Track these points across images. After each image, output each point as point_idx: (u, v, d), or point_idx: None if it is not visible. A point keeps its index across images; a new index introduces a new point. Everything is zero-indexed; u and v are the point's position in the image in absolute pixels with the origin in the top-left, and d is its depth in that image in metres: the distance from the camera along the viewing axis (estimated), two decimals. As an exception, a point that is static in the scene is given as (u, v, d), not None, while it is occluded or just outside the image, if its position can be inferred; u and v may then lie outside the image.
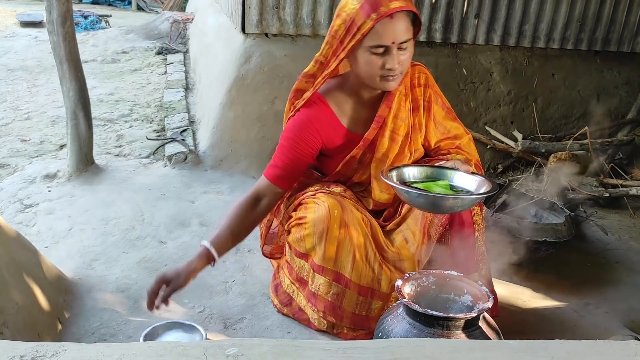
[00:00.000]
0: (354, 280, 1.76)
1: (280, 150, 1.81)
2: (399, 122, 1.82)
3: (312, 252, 1.78)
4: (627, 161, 3.47)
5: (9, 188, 2.80)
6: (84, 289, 2.03)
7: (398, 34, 1.61)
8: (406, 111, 1.83)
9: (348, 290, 1.77)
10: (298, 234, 1.80)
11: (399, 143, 1.83)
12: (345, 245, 1.74)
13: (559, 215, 2.51)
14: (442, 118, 1.91)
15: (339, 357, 0.97)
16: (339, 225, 1.73)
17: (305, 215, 1.77)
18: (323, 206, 1.74)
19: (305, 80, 1.83)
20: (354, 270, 1.75)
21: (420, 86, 1.87)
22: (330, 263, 1.75)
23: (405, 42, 1.63)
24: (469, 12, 3.45)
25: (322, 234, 1.73)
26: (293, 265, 1.88)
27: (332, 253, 1.74)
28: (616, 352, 1.00)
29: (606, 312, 2.11)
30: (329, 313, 1.80)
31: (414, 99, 1.86)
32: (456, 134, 1.92)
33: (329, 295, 1.78)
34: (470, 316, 1.41)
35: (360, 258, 1.76)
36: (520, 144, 3.34)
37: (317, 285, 1.79)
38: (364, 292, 1.77)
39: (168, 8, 8.75)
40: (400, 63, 1.66)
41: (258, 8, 3.17)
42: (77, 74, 2.87)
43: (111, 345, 1.01)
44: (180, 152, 3.22)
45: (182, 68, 4.99)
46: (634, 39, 3.76)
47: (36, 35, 6.46)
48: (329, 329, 1.84)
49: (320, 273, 1.77)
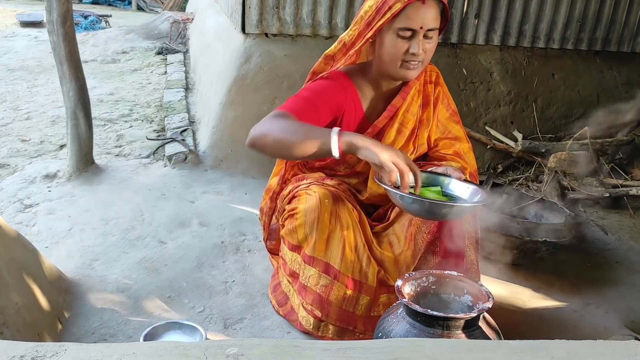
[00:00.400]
0: (342, 271, 1.76)
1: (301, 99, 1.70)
2: (409, 116, 1.84)
3: (304, 244, 1.79)
4: (627, 161, 3.47)
5: (9, 188, 2.80)
6: (84, 289, 2.03)
7: (427, 20, 1.63)
8: (417, 107, 1.85)
9: (336, 282, 1.77)
10: (290, 225, 1.81)
11: (405, 136, 1.84)
12: (335, 234, 1.75)
13: (559, 215, 2.51)
14: (444, 118, 1.92)
15: (339, 357, 0.97)
16: (329, 215, 1.74)
17: (297, 206, 1.79)
18: (314, 196, 1.75)
19: (324, 62, 1.85)
20: (343, 261, 1.76)
21: (432, 83, 1.90)
22: (321, 253, 1.76)
23: (432, 31, 1.65)
24: (469, 12, 3.45)
25: (313, 223, 1.74)
26: (287, 259, 1.89)
27: (322, 242, 1.75)
28: (616, 352, 1.00)
29: (606, 312, 2.11)
30: (316, 306, 1.79)
31: (426, 95, 1.88)
32: (456, 136, 1.93)
33: (318, 287, 1.78)
34: (470, 316, 1.41)
35: (349, 249, 1.76)
36: (520, 144, 3.34)
37: (307, 276, 1.80)
38: (351, 284, 1.78)
39: (168, 8, 8.76)
40: (424, 51, 1.67)
41: (258, 8, 3.17)
42: (77, 74, 2.87)
43: (111, 345, 1.01)
44: (180, 152, 3.22)
45: (182, 68, 5.00)
46: (634, 39, 3.76)
47: (36, 35, 6.46)
48: (314, 329, 1.83)
49: (311, 264, 1.78)
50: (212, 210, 2.69)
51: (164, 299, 2.01)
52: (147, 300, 1.99)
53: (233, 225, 2.56)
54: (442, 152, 1.94)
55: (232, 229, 2.52)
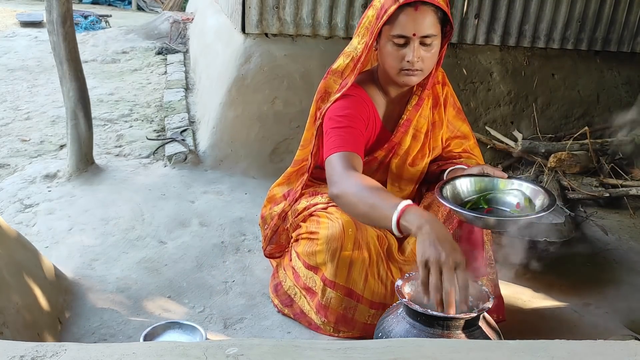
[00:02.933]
0: (366, 296, 1.76)
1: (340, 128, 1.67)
2: (422, 120, 1.83)
3: (323, 267, 1.75)
4: (627, 161, 3.47)
5: (9, 188, 2.80)
6: (84, 289, 2.03)
7: (420, 27, 1.59)
8: (428, 109, 1.83)
9: (360, 304, 1.77)
10: (309, 248, 1.77)
11: (420, 140, 1.83)
12: (357, 264, 1.72)
13: (559, 215, 2.51)
14: (452, 117, 1.92)
15: (339, 357, 0.97)
16: (352, 245, 1.69)
17: (317, 231, 1.73)
18: (337, 223, 1.69)
19: (333, 79, 1.80)
20: (367, 287, 1.75)
21: (439, 84, 1.88)
22: (342, 280, 1.73)
23: (428, 38, 1.61)
24: (469, 12, 3.45)
25: (335, 253, 1.69)
26: (300, 273, 1.85)
27: (344, 271, 1.72)
28: (616, 352, 1.00)
29: (606, 312, 2.11)
30: (340, 324, 1.79)
31: (435, 97, 1.87)
32: (464, 134, 1.93)
33: (341, 309, 1.77)
34: (470, 316, 1.41)
35: (372, 277, 1.75)
36: (520, 144, 3.34)
37: (328, 298, 1.77)
38: (375, 306, 1.78)
39: (168, 8, 8.75)
40: (421, 59, 1.63)
41: (258, 8, 3.17)
42: (77, 74, 2.87)
43: (111, 345, 1.01)
44: (180, 152, 3.22)
45: (182, 68, 5.00)
46: (634, 39, 3.76)
47: (36, 35, 6.46)
48: (334, 332, 1.83)
49: (332, 288, 1.75)
50: (212, 210, 2.69)
51: (164, 299, 2.01)
52: (147, 300, 1.99)
53: (233, 225, 2.56)
54: (455, 151, 1.93)
55: (232, 229, 2.52)
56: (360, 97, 1.75)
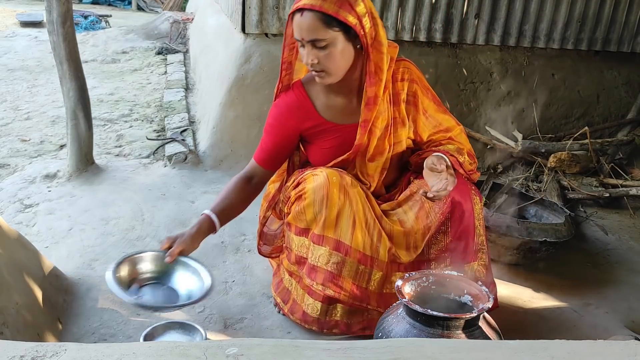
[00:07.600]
0: (353, 247, 1.76)
1: (265, 135, 1.95)
2: (379, 117, 1.83)
3: (313, 224, 1.79)
4: (627, 161, 3.47)
5: (9, 188, 2.80)
6: (84, 289, 2.03)
7: (304, 31, 1.67)
8: (385, 104, 1.84)
9: (348, 258, 1.77)
10: (298, 207, 1.80)
11: (377, 135, 1.84)
12: (345, 210, 1.76)
13: (559, 215, 2.51)
14: (433, 111, 1.92)
15: (339, 357, 0.97)
16: (338, 190, 1.75)
17: (304, 187, 1.80)
18: (322, 175, 1.77)
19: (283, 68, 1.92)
20: (354, 237, 1.76)
21: (404, 80, 1.88)
22: (331, 231, 1.76)
23: (319, 41, 1.67)
24: (469, 12, 3.45)
25: (323, 200, 1.75)
26: (293, 246, 1.88)
27: (332, 218, 1.75)
28: (616, 352, 1.00)
29: (606, 312, 2.11)
30: (328, 284, 1.78)
31: (395, 93, 1.87)
32: (447, 127, 1.93)
33: (329, 265, 1.78)
34: (470, 316, 1.41)
35: (359, 224, 1.77)
36: (520, 144, 3.34)
37: (316, 256, 1.79)
38: (363, 259, 1.78)
39: (168, 8, 8.75)
40: (318, 60, 1.70)
41: (258, 8, 3.17)
42: (77, 74, 2.87)
43: (111, 345, 1.01)
44: (180, 152, 3.22)
45: (182, 68, 5.00)
46: (634, 39, 3.76)
47: (36, 35, 6.46)
48: (321, 315, 1.83)
49: (320, 243, 1.78)
50: (212, 210, 2.69)
51: (164, 299, 2.01)
52: (147, 300, 1.99)
53: (233, 225, 2.54)
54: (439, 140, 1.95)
55: (232, 229, 2.52)
56: (284, 103, 1.89)
